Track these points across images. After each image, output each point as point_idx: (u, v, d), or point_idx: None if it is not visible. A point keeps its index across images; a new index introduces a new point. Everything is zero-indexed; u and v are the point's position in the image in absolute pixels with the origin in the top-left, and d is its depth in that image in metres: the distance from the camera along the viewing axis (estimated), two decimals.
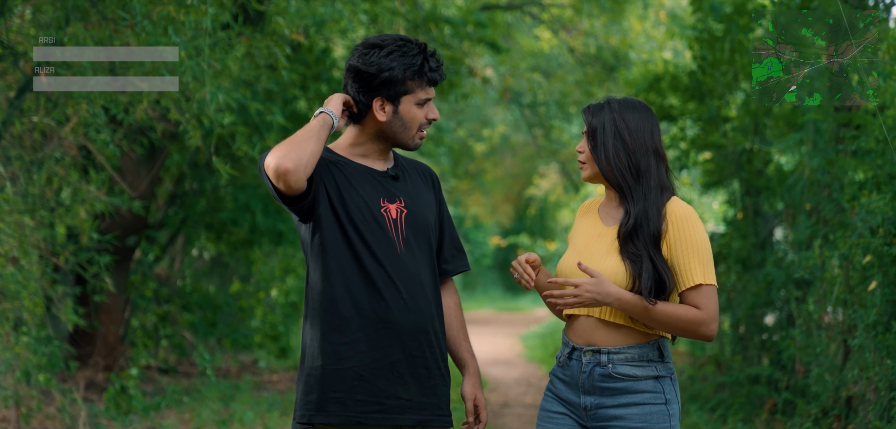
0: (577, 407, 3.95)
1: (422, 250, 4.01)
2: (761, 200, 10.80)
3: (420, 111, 4.00)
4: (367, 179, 3.99)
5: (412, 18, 14.04)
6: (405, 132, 4.00)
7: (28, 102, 7.96)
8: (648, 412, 3.87)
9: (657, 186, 3.90)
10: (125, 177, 10.88)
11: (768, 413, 9.13)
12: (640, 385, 3.88)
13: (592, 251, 3.95)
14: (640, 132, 3.92)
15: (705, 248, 3.86)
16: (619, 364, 3.88)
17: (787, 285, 9.57)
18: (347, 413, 3.90)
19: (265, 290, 15.24)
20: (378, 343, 3.90)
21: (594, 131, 3.96)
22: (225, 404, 10.68)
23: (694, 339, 3.91)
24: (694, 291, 3.83)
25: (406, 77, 3.93)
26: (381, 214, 3.95)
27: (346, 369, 3.89)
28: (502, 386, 13.58)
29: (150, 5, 7.20)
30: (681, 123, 12.19)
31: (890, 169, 6.96)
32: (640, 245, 3.85)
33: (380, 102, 3.96)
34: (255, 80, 9.14)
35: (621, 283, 3.84)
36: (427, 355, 3.97)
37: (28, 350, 8.06)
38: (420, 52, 3.95)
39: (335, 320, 3.91)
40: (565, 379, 3.99)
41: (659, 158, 3.93)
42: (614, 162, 3.91)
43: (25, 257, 7.90)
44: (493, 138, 27.41)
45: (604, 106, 3.98)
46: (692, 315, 3.82)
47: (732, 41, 11.01)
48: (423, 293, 3.97)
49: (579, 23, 18.58)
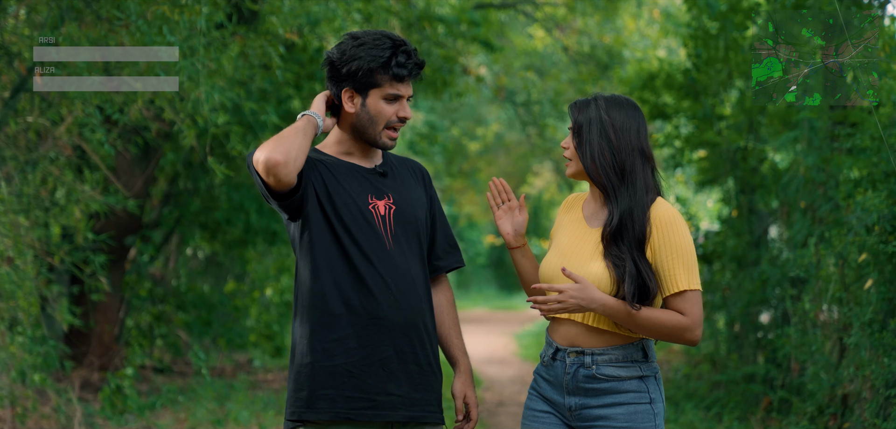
0: (562, 407, 3.94)
1: (411, 247, 3.99)
2: (756, 198, 10.81)
3: (388, 107, 3.94)
4: (353, 176, 3.98)
5: (406, 17, 14.03)
6: (372, 127, 3.96)
7: (23, 102, 7.94)
8: (633, 412, 3.86)
9: (642, 187, 3.85)
10: (120, 176, 10.87)
11: (764, 412, 9.14)
12: (625, 385, 3.87)
13: (576, 254, 3.91)
14: (626, 131, 3.88)
15: (690, 252, 3.82)
16: (603, 366, 3.87)
17: (783, 284, 9.58)
18: (337, 410, 3.89)
19: (260, 289, 15.24)
20: (368, 340, 3.89)
21: (580, 128, 3.92)
22: (220, 403, 10.67)
23: (678, 343, 3.88)
24: (678, 297, 3.80)
25: (372, 69, 3.89)
26: (369, 210, 3.94)
27: (335, 366, 3.89)
28: (497, 385, 13.57)
29: (144, 5, 7.18)
30: (675, 121, 12.21)
31: (885, 167, 6.97)
32: (624, 248, 3.81)
33: (348, 94, 3.94)
34: (249, 80, 9.13)
35: (605, 288, 3.81)
36: (418, 351, 3.96)
37: (23, 350, 8.05)
38: (391, 47, 3.90)
39: (325, 317, 3.91)
40: (549, 379, 3.98)
41: (645, 158, 3.89)
42: (599, 160, 3.86)
43: (20, 257, 7.89)
44: (487, 137, 27.43)
45: (590, 102, 3.93)
46: (676, 321, 3.80)
47: (727, 39, 11.02)
48: (414, 289, 3.95)
49: (573, 21, 18.59)
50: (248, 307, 14.71)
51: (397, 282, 3.92)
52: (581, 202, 4.07)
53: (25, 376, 8.29)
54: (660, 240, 3.81)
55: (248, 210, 12.71)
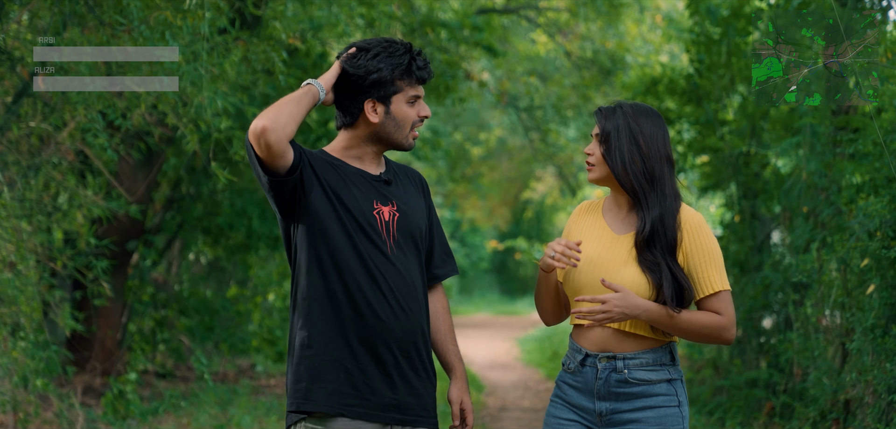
0: (592, 412, 3.97)
1: (411, 254, 4.04)
2: (758, 203, 10.81)
3: (411, 109, 4.03)
4: (361, 181, 4.02)
5: (409, 22, 14.04)
6: (399, 132, 4.03)
7: (25, 107, 7.95)
8: (664, 415, 3.92)
9: (671, 193, 3.93)
10: (122, 181, 10.88)
11: (766, 417, 9.13)
12: (655, 389, 3.93)
13: (608, 261, 3.95)
14: (653, 138, 3.95)
15: (719, 254, 3.93)
16: (634, 370, 3.92)
17: (785, 289, 9.58)
18: (332, 403, 3.92)
19: (262, 294, 15.24)
20: (367, 341, 3.94)
21: (608, 135, 3.97)
22: (222, 408, 10.68)
23: (715, 343, 3.99)
24: (713, 298, 3.90)
25: (394, 77, 3.97)
26: (374, 215, 3.98)
27: (333, 360, 3.93)
28: (499, 390, 13.57)
29: (147, 10, 7.19)
30: (678, 126, 12.20)
31: (887, 172, 6.97)
32: (657, 254, 3.88)
33: (371, 104, 3.99)
34: (252, 85, 9.13)
35: (643, 293, 3.87)
36: (414, 356, 4.00)
37: (25, 355, 8.05)
38: (406, 52, 4.00)
39: (325, 310, 3.95)
40: (577, 385, 4.01)
41: (671, 165, 3.97)
42: (630, 167, 3.93)
43: (23, 262, 7.89)
44: (490, 142, 27.44)
45: (616, 109, 3.99)
46: (715, 321, 3.90)
47: (729, 44, 11.02)
48: (414, 296, 4.01)
49: (576, 26, 18.58)
50: (250, 312, 14.72)
51: (398, 288, 3.96)
52: (598, 210, 4.11)
53: (28, 382, 8.29)
54: (691, 244, 3.90)
55: (250, 215, 12.72)
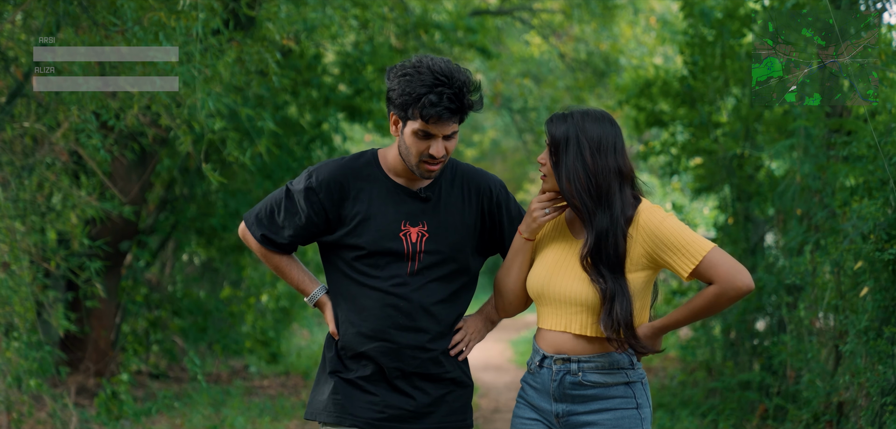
0: (549, 414, 3.95)
1: (439, 273, 4.02)
2: (752, 205, 10.82)
3: (419, 143, 3.88)
4: (394, 199, 4.00)
5: (402, 24, 14.04)
6: (408, 157, 3.94)
7: (19, 107, 7.93)
8: (620, 417, 3.87)
9: (620, 208, 3.78)
10: (116, 182, 10.87)
11: (759, 419, 9.14)
12: (611, 391, 3.88)
13: (563, 270, 3.90)
14: (603, 151, 3.79)
15: (682, 229, 3.76)
16: (589, 372, 3.87)
17: (779, 291, 9.58)
18: (353, 412, 4.05)
19: (256, 295, 15.22)
20: (381, 359, 4.01)
21: (556, 146, 3.83)
22: (216, 409, 10.67)
23: (731, 304, 3.76)
24: (698, 270, 3.73)
25: (407, 103, 3.84)
26: (400, 237, 3.97)
27: (355, 367, 4.07)
28: (493, 391, 13.56)
29: (140, 11, 7.18)
30: (672, 128, 12.21)
31: (881, 175, 6.97)
32: (603, 268, 3.79)
33: (393, 118, 3.94)
34: (245, 86, 9.12)
35: (592, 304, 3.81)
36: (431, 371, 4.05)
37: (19, 356, 8.03)
38: (429, 85, 3.81)
39: (355, 307, 4.04)
40: (536, 386, 3.98)
41: (622, 178, 3.81)
42: (575, 183, 3.79)
43: (16, 263, 7.88)
44: (484, 143, 27.44)
45: (567, 118, 3.84)
46: (710, 294, 3.73)
47: (723, 46, 11.03)
48: (428, 316, 4.01)
49: (570, 28, 18.59)
50: (243, 313, 14.70)
51: (409, 309, 3.98)
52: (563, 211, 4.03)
53: (21, 382, 8.27)
54: (652, 245, 3.79)
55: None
